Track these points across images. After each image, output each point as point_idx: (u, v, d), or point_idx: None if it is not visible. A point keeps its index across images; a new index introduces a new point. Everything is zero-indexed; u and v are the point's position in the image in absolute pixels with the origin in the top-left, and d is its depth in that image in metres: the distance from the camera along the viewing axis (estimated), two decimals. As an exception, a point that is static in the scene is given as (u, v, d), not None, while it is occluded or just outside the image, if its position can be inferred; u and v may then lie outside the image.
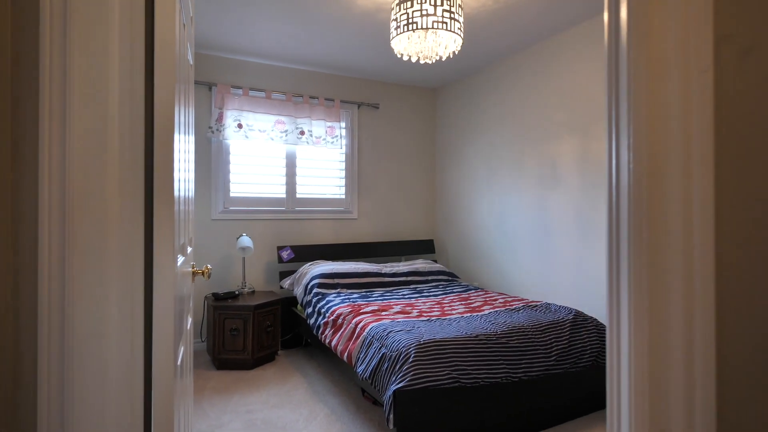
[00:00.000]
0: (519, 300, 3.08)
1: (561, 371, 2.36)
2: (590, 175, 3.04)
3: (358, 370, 2.34)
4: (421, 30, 2.37)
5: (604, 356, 2.52)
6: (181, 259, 1.14)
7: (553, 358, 2.35)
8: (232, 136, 3.66)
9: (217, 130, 3.62)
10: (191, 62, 1.53)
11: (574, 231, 3.15)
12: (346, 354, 2.53)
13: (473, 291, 3.47)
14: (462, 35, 2.40)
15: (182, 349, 1.14)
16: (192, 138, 1.60)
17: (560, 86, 3.27)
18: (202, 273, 1.54)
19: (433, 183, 4.71)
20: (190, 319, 1.46)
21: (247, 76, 3.84)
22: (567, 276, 3.21)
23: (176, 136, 0.96)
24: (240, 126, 3.69)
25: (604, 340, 2.56)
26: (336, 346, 2.66)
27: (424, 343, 2.13)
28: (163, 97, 0.87)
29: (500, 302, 3.05)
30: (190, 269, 1.51)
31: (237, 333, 3.18)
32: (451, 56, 2.56)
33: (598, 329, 2.57)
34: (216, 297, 3.32)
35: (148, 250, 0.86)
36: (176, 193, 0.99)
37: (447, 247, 4.53)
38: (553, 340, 2.40)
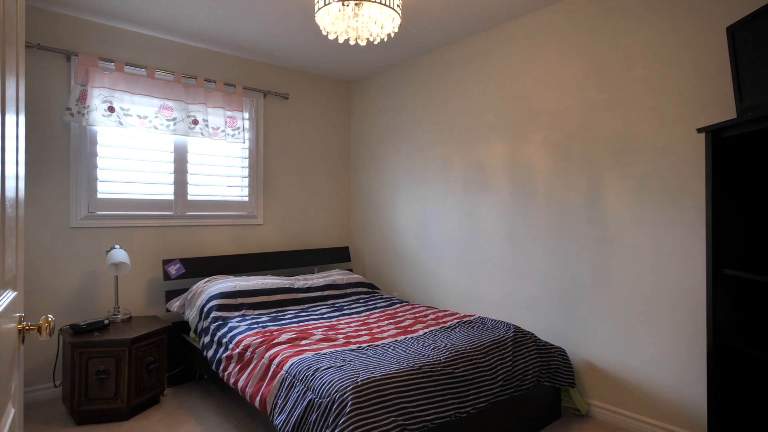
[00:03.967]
0: (451, 315, 2.83)
1: (506, 397, 2.14)
2: (520, 180, 2.91)
3: (277, 422, 1.86)
4: (353, 2, 1.97)
5: (546, 375, 2.37)
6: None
7: (498, 383, 2.11)
8: (100, 121, 2.87)
9: (79, 112, 2.81)
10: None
11: (504, 238, 3.00)
12: (258, 399, 2.02)
13: (398, 305, 3.15)
14: (400, 14, 2.05)
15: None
16: (14, 118, 1.00)
17: (488, 85, 3.10)
18: (39, 329, 0.96)
19: (348, 184, 4.32)
20: (12, 412, 0.88)
21: (123, 47, 3.06)
22: (497, 286, 3.05)
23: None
24: (111, 109, 2.92)
25: (545, 358, 2.40)
26: (244, 388, 2.13)
27: (362, 385, 1.73)
28: None
29: (432, 319, 2.77)
30: (15, 326, 0.93)
31: (107, 376, 2.45)
32: (385, 39, 2.19)
33: (538, 346, 2.41)
34: (76, 330, 2.54)
35: None
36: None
37: (363, 255, 4.17)
38: (497, 363, 2.17)
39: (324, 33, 2.10)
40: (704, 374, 2.14)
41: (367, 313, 2.95)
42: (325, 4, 1.99)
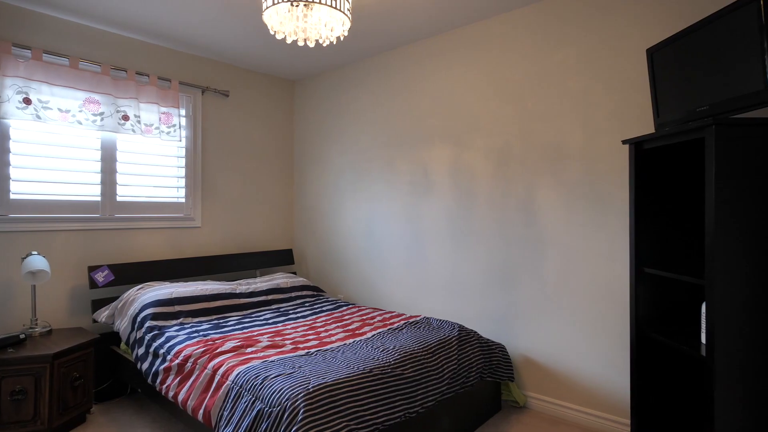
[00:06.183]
0: (397, 316, 2.88)
1: (452, 394, 2.21)
2: (463, 183, 3.02)
3: (223, 435, 1.79)
4: (302, 3, 1.94)
5: (487, 371, 2.48)
6: None
7: (445, 382, 2.18)
8: (14, 114, 2.59)
9: (-12, 103, 2.52)
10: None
11: (447, 239, 3.09)
12: (201, 412, 1.93)
13: (344, 307, 3.15)
14: (350, 17, 2.05)
15: None
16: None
17: (433, 91, 3.19)
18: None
19: (291, 185, 4.23)
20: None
21: (41, 33, 2.79)
22: (441, 285, 3.14)
23: None
24: (28, 101, 2.64)
25: (487, 355, 2.51)
26: (185, 401, 2.03)
27: (313, 391, 1.71)
28: None
29: (378, 320, 2.80)
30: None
31: (24, 397, 2.22)
32: (335, 42, 2.19)
33: (480, 343, 2.52)
34: (-15, 347, 2.28)
35: None
36: None
37: (307, 258, 4.11)
38: (443, 362, 2.24)
39: (272, 32, 2.05)
40: (628, 363, 2.35)
41: (314, 317, 2.92)
42: (273, 4, 1.94)
